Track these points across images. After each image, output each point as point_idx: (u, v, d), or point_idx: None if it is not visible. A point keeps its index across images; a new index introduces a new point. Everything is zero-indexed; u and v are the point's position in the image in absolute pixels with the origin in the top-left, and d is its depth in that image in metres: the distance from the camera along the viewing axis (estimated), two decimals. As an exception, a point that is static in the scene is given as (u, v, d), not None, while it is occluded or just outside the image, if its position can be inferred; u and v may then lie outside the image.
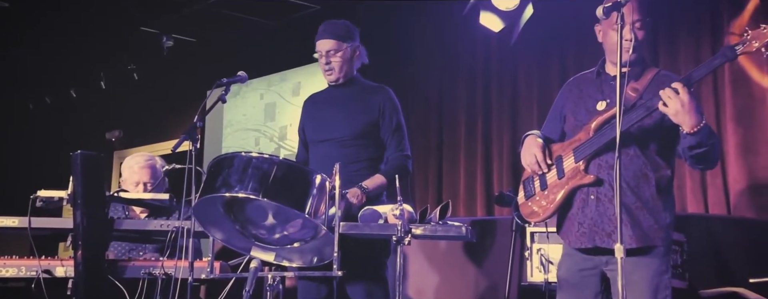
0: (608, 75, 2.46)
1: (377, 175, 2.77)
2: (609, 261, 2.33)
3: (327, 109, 2.91)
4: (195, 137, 2.52)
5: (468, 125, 5.11)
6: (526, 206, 2.52)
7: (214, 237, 2.46)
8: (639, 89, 2.36)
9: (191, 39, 6.17)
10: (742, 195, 3.80)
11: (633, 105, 2.32)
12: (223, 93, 2.69)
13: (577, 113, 2.48)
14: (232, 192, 2.26)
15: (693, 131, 2.18)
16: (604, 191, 2.34)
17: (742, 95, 3.92)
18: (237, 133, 6.36)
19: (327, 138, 2.85)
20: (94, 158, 2.78)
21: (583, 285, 2.39)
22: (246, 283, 2.30)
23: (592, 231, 2.34)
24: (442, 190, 5.13)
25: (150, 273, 2.78)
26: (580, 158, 2.38)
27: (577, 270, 2.40)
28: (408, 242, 2.30)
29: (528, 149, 2.50)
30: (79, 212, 2.71)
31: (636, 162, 2.34)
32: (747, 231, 3.20)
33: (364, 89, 2.91)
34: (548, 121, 2.63)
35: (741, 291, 2.94)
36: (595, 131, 2.37)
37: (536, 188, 2.50)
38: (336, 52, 2.83)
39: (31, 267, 2.80)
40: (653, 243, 2.29)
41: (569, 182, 2.40)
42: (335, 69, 2.85)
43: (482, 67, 5.11)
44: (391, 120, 2.85)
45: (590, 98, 2.47)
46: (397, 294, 2.26)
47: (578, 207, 2.39)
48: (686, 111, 2.16)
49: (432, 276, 3.63)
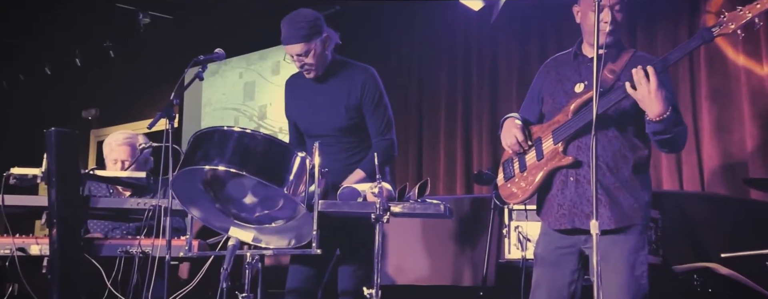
0: (585, 57, 2.47)
1: (356, 171, 2.73)
2: (587, 239, 2.35)
3: (312, 102, 2.84)
4: (172, 115, 2.49)
5: (448, 104, 5.12)
6: (506, 188, 2.54)
7: (192, 215, 2.45)
8: (616, 70, 2.37)
9: (168, 16, 6.08)
10: (715, 172, 3.86)
11: (610, 87, 2.33)
12: (200, 71, 2.65)
13: (555, 95, 2.49)
14: (212, 165, 2.25)
15: (657, 119, 2.21)
16: (584, 173, 2.37)
17: (717, 75, 3.97)
18: (216, 112, 6.31)
19: (320, 134, 2.79)
20: (69, 135, 2.74)
21: (561, 262, 2.42)
22: (224, 261, 2.30)
23: (571, 213, 2.37)
24: (422, 169, 5.15)
25: (127, 251, 2.77)
26: (559, 140, 2.40)
27: (555, 247, 2.43)
28: (387, 220, 2.31)
29: (508, 130, 2.51)
30: (53, 190, 2.68)
31: (614, 143, 2.37)
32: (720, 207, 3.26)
33: (346, 75, 2.82)
34: (526, 103, 2.64)
35: (713, 266, 3.00)
36: (573, 112, 2.38)
37: (516, 170, 2.52)
38: (307, 53, 2.73)
39: (5, 244, 2.78)
40: (632, 222, 2.32)
41: (548, 164, 2.42)
42: (312, 68, 2.77)
43: (462, 47, 5.11)
44: (371, 102, 2.80)
45: (568, 80, 2.47)
46: (376, 272, 2.27)
47: (558, 189, 2.41)
48: (652, 98, 2.17)
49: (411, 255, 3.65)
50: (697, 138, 3.99)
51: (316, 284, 2.77)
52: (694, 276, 2.98)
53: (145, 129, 3.15)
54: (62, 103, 7.04)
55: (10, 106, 7.23)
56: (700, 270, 3.00)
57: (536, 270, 2.48)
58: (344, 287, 2.72)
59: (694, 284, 2.97)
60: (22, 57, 6.89)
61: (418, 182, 2.47)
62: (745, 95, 3.86)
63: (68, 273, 2.68)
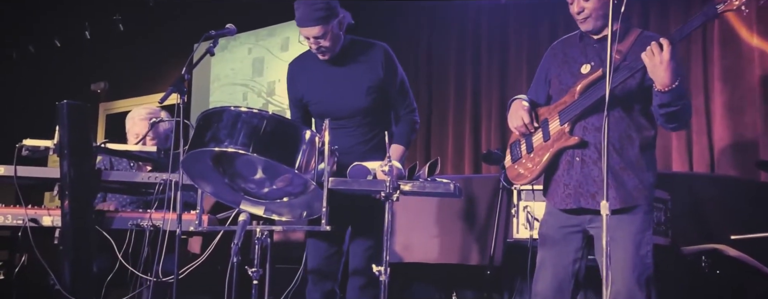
0: (591, 38, 2.48)
1: (395, 145, 2.72)
2: (592, 219, 2.38)
3: (330, 85, 2.77)
4: (183, 90, 2.48)
5: (457, 83, 5.10)
6: (513, 169, 2.56)
7: (203, 190, 2.46)
8: (622, 50, 2.38)
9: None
10: (726, 154, 3.85)
11: (617, 67, 2.34)
12: (211, 45, 2.63)
13: (562, 77, 2.50)
14: (222, 146, 2.25)
15: (665, 89, 2.22)
16: (589, 154, 2.38)
17: (730, 55, 3.93)
18: (224, 87, 6.30)
19: (338, 117, 2.73)
20: (81, 107, 2.74)
21: (565, 241, 2.44)
22: (234, 236, 2.31)
23: (577, 193, 2.39)
24: (431, 148, 5.15)
25: (138, 224, 2.79)
26: (565, 121, 2.42)
27: (559, 227, 2.45)
28: (396, 198, 2.32)
29: (514, 112, 2.53)
30: (65, 163, 2.69)
31: (621, 124, 2.38)
32: (730, 189, 3.25)
33: (362, 53, 2.78)
34: (534, 85, 2.65)
35: (722, 248, 3.01)
36: (580, 93, 2.39)
37: (523, 152, 2.54)
38: (324, 35, 2.66)
39: (17, 215, 2.79)
40: (636, 203, 2.33)
41: (555, 145, 2.43)
42: (328, 50, 2.71)
43: (472, 26, 5.07)
44: (394, 78, 2.78)
45: (574, 62, 2.49)
46: (385, 249, 2.29)
47: (564, 169, 2.43)
48: (663, 68, 2.19)
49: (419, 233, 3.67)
50: (709, 119, 3.97)
51: (337, 262, 2.77)
52: (702, 258, 2.99)
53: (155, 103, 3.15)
54: (72, 76, 7.05)
55: (20, 78, 7.24)
56: (708, 252, 3.01)
57: (541, 250, 2.50)
58: (356, 265, 2.73)
59: (703, 265, 2.98)
60: (33, 29, 6.89)
61: (428, 161, 2.48)
62: (758, 77, 3.83)
63: (79, 244, 2.70)
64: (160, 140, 3.34)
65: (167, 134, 3.40)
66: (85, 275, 2.72)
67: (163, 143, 3.35)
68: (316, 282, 2.75)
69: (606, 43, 2.20)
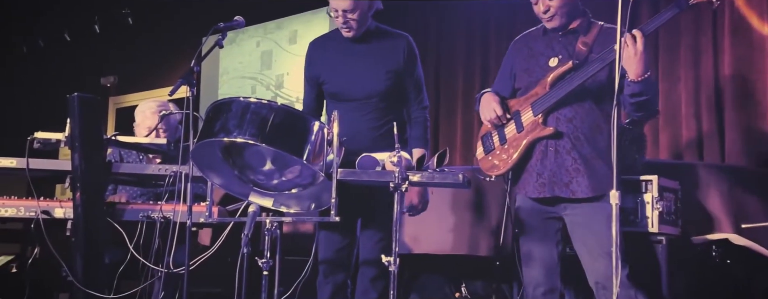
0: (556, 33, 2.57)
1: (416, 149, 2.75)
2: (566, 206, 2.49)
3: (350, 64, 2.78)
4: (192, 82, 2.49)
5: (465, 75, 5.09)
6: (486, 161, 2.65)
7: (212, 181, 2.48)
8: (588, 42, 2.47)
9: (186, -17, 6.07)
10: (736, 143, 3.83)
11: (585, 59, 2.44)
12: (220, 38, 2.64)
13: (530, 70, 2.58)
14: (231, 137, 2.25)
15: (637, 79, 2.29)
16: (563, 144, 2.48)
17: (741, 45, 3.90)
18: (233, 81, 6.32)
19: (353, 98, 2.75)
20: (91, 100, 2.76)
21: (545, 227, 2.54)
22: (244, 227, 2.33)
23: (551, 182, 2.47)
24: (439, 140, 5.15)
25: (148, 216, 2.81)
26: (538, 112, 2.50)
27: (536, 213, 2.55)
28: (405, 189, 2.32)
29: (486, 104, 2.62)
30: (77, 155, 2.71)
31: (591, 115, 2.47)
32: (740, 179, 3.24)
33: (386, 39, 2.80)
34: (499, 80, 2.74)
35: (732, 237, 3.00)
36: (551, 85, 2.48)
37: (495, 143, 2.63)
38: (353, 10, 2.68)
39: (30, 207, 2.82)
40: (606, 190, 2.35)
41: (529, 135, 2.52)
42: (354, 27, 2.72)
43: (480, 16, 5.05)
44: (413, 67, 2.80)
45: (541, 55, 2.57)
46: (394, 240, 2.29)
47: (537, 159, 2.51)
48: (637, 59, 2.25)
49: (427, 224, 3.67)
50: (719, 109, 3.95)
51: (349, 255, 2.78)
52: (712, 247, 2.98)
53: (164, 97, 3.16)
54: (81, 70, 7.08)
55: (31, 72, 7.29)
56: (719, 241, 3.00)
57: (524, 240, 2.59)
58: (367, 257, 2.74)
59: (713, 255, 2.98)
60: (43, 23, 6.92)
61: (437, 152, 2.48)
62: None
63: (91, 236, 2.72)
64: (170, 132, 3.36)
65: (176, 125, 3.42)
66: (97, 266, 2.74)
67: (173, 135, 3.36)
68: (327, 274, 2.75)
69: (571, 37, 2.47)
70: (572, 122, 2.48)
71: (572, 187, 2.45)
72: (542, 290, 2.55)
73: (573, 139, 2.47)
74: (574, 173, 2.46)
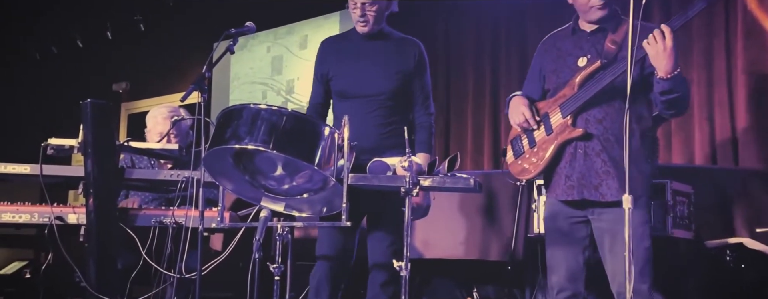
0: (584, 31, 2.53)
1: (421, 154, 2.74)
2: (594, 210, 2.43)
3: (360, 61, 2.80)
4: (204, 88, 2.50)
5: (476, 78, 5.08)
6: (517, 165, 2.60)
7: (224, 187, 2.48)
8: (617, 41, 2.42)
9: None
10: (749, 147, 3.80)
11: (614, 57, 2.39)
12: (231, 44, 2.65)
13: (558, 71, 2.54)
14: (242, 144, 2.26)
15: (667, 76, 2.25)
16: (592, 145, 2.43)
17: (754, 47, 3.88)
18: (244, 86, 6.34)
19: (361, 94, 2.76)
20: (104, 106, 2.78)
21: (573, 232, 2.48)
22: (256, 232, 2.33)
23: (580, 184, 2.43)
24: (450, 144, 5.14)
25: (161, 221, 2.82)
26: (567, 113, 2.45)
27: (565, 218, 2.49)
28: (416, 193, 2.32)
29: (515, 108, 2.57)
30: (90, 161, 2.73)
31: (622, 115, 2.38)
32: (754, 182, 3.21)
33: (398, 42, 2.84)
34: (528, 82, 2.70)
35: (746, 241, 2.98)
36: (579, 86, 2.44)
37: (525, 146, 2.58)
38: (372, 4, 2.73)
39: (43, 213, 2.84)
40: (636, 193, 2.32)
41: (558, 137, 2.47)
42: (370, 21, 2.76)
43: (490, 18, 5.04)
44: (422, 76, 2.82)
45: (570, 55, 2.53)
46: (405, 245, 2.29)
47: (566, 161, 2.47)
48: (666, 55, 2.22)
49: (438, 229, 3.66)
50: (732, 112, 3.92)
51: (349, 252, 2.78)
52: (727, 252, 2.96)
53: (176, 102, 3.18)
54: (93, 76, 7.14)
55: (43, 78, 7.35)
56: (733, 246, 2.98)
57: (550, 243, 2.54)
58: (378, 261, 2.73)
59: (727, 259, 2.95)
60: (55, 30, 6.98)
61: (448, 157, 2.48)
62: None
63: (104, 241, 2.74)
64: (182, 138, 3.37)
65: (187, 130, 3.43)
66: (110, 272, 2.75)
67: (184, 140, 3.38)
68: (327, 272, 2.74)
69: (600, 36, 2.39)
70: (602, 123, 2.44)
71: (601, 190, 2.40)
72: (565, 295, 2.50)
73: (603, 141, 2.42)
74: (604, 176, 2.40)
